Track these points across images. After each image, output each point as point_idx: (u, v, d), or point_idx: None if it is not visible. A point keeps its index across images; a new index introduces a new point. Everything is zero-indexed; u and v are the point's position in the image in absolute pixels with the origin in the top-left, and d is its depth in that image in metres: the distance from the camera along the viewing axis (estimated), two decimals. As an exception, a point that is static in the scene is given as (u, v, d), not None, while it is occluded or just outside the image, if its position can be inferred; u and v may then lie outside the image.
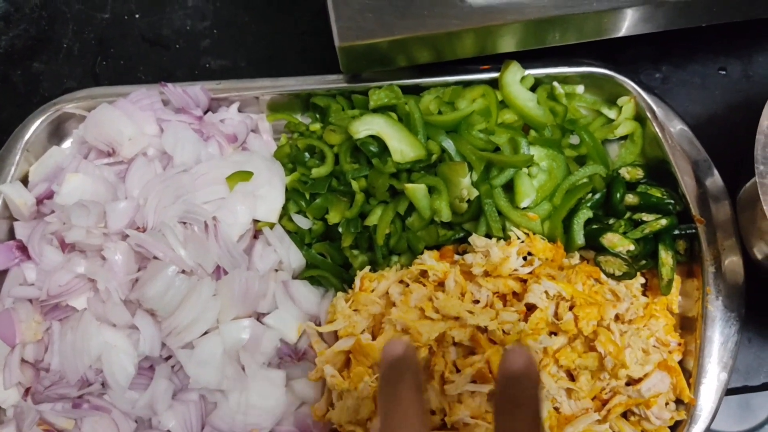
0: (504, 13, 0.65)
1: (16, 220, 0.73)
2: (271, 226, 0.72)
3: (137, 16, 0.88)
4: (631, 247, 0.67)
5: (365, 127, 0.70)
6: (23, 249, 0.71)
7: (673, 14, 0.68)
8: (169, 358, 0.67)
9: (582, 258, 0.71)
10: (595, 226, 0.70)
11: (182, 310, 0.64)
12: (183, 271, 0.66)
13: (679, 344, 0.68)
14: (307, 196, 0.73)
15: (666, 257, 0.68)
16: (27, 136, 0.76)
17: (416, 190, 0.68)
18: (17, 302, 0.68)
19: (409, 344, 0.47)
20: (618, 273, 0.67)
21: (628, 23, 0.69)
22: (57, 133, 0.79)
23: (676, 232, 0.70)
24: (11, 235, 0.73)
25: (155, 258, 0.65)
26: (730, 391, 0.69)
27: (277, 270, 0.71)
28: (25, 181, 0.75)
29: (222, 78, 0.79)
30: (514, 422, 0.43)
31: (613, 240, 0.68)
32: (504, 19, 0.66)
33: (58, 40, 0.87)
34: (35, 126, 0.77)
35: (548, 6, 0.65)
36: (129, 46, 0.87)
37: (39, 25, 0.88)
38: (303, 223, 0.73)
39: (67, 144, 0.79)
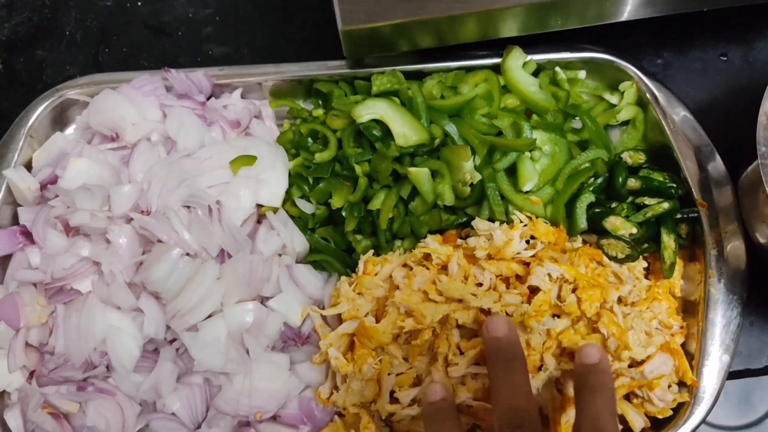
0: (507, -4, 0.65)
1: (20, 205, 0.73)
2: (275, 210, 0.72)
3: (139, 3, 0.88)
4: (634, 231, 0.67)
5: (368, 111, 0.70)
6: (27, 234, 0.71)
7: (675, -2, 0.69)
8: (173, 341, 0.67)
9: (585, 242, 0.71)
10: (597, 210, 0.70)
11: (186, 293, 0.64)
12: (187, 254, 0.66)
13: (682, 327, 0.68)
14: (311, 181, 0.73)
15: (668, 241, 0.69)
16: (30, 122, 0.76)
17: (419, 173, 0.68)
18: (21, 286, 0.68)
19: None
20: (621, 256, 0.67)
21: (630, 7, 0.70)
22: (60, 119, 0.79)
23: (679, 215, 0.70)
24: (15, 220, 0.73)
25: (159, 241, 0.65)
26: (732, 374, 0.69)
27: (280, 254, 0.72)
28: (28, 167, 0.75)
29: (224, 65, 0.79)
30: (593, 406, 0.53)
31: (615, 223, 0.68)
32: (506, 3, 0.66)
33: (61, 27, 0.87)
34: (38, 112, 0.77)
35: (551, -11, 0.65)
36: (131, 33, 0.87)
37: (42, 12, 0.88)
38: (306, 207, 0.73)
39: (70, 130, 0.79)
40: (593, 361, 0.56)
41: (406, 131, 0.70)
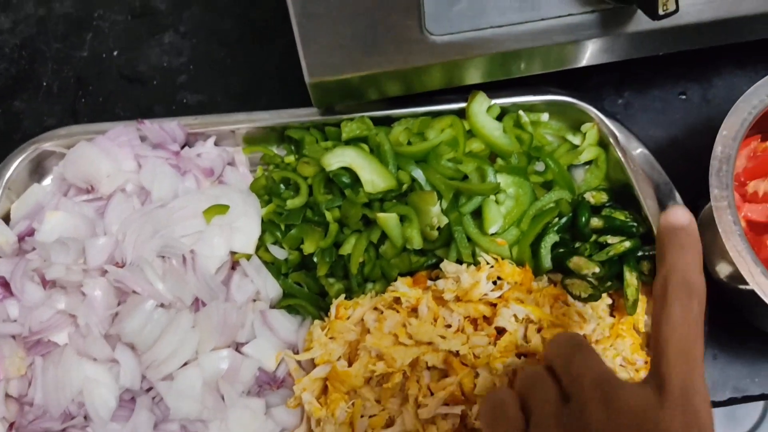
0: (468, 48, 0.68)
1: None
2: (248, 257, 0.73)
3: (115, 53, 0.90)
4: (597, 270, 0.69)
5: (337, 159, 0.72)
6: (6, 285, 0.72)
7: (630, 45, 0.71)
8: (149, 389, 0.68)
9: (550, 280, 0.73)
10: (561, 251, 0.72)
11: (161, 343, 0.66)
12: (162, 305, 0.67)
13: (646, 362, 0.70)
14: (283, 227, 0.75)
15: (631, 278, 0.71)
16: (8, 175, 0.78)
17: (388, 219, 0.70)
18: (1, 339, 0.69)
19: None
20: (584, 295, 0.69)
21: (588, 54, 0.72)
22: (38, 170, 0.80)
23: (640, 253, 0.72)
24: (-7, 272, 0.74)
25: (134, 292, 0.67)
26: (697, 407, 0.71)
27: (255, 300, 0.73)
28: (6, 218, 0.77)
29: (199, 112, 0.81)
30: (683, 261, 0.50)
31: (579, 263, 0.70)
32: (468, 54, 0.68)
33: (38, 78, 0.89)
34: (15, 165, 0.78)
35: (510, 40, 0.68)
36: (107, 83, 0.89)
37: (19, 64, 0.90)
38: (279, 253, 0.75)
39: (47, 181, 0.80)
40: (683, 224, 0.53)
41: (374, 178, 0.72)
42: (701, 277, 0.50)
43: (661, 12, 0.60)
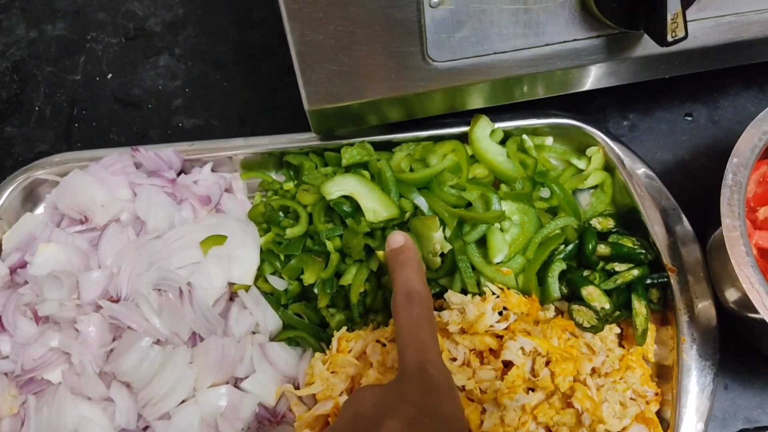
0: (470, 73, 0.66)
1: (-10, 289, 0.73)
2: (247, 288, 0.72)
3: (109, 76, 0.88)
4: (607, 306, 0.67)
5: (338, 188, 0.71)
6: (-3, 318, 0.70)
7: (636, 69, 0.70)
8: (146, 428, 0.66)
9: (557, 310, 0.71)
10: (578, 275, 0.70)
11: (158, 381, 0.64)
12: (158, 341, 0.65)
13: (657, 394, 0.68)
14: (282, 257, 0.73)
15: (639, 307, 0.69)
16: (0, 203, 0.76)
17: None
18: (-8, 376, 0.68)
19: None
20: (586, 325, 0.68)
21: (592, 78, 0.71)
22: (30, 198, 0.79)
23: (649, 281, 0.70)
24: (-16, 304, 0.72)
25: (129, 328, 0.65)
26: (708, 439, 0.69)
27: (254, 332, 0.71)
28: (-2, 248, 0.75)
29: (195, 136, 0.80)
30: (404, 275, 0.60)
31: (592, 294, 0.68)
32: (471, 80, 0.67)
33: (30, 103, 0.87)
34: (7, 193, 0.77)
35: (513, 66, 0.66)
36: (101, 107, 0.87)
37: (10, 88, 0.88)
38: (278, 284, 0.73)
39: (40, 209, 0.79)
40: (399, 245, 0.63)
41: (376, 207, 0.70)
42: (421, 284, 0.59)
43: (670, 38, 0.58)
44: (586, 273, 0.71)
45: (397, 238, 0.63)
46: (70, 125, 0.86)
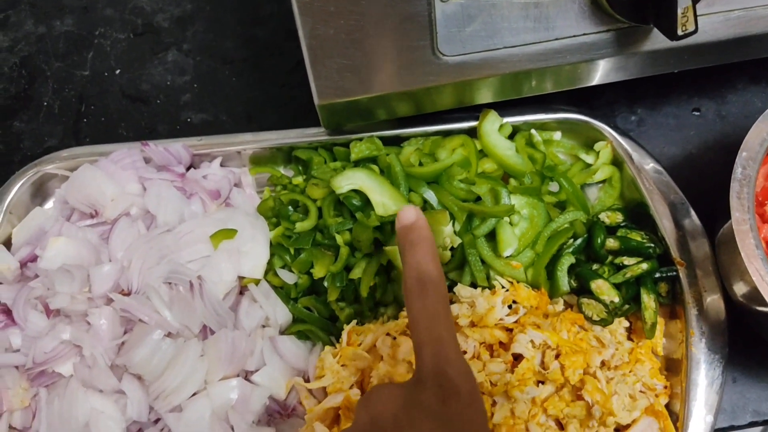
0: (480, 68, 0.66)
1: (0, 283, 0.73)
2: (257, 282, 0.72)
3: (117, 72, 0.88)
4: (616, 299, 0.68)
5: (347, 182, 0.71)
6: (7, 312, 0.70)
7: (645, 63, 0.70)
8: (157, 420, 0.66)
9: (566, 303, 0.71)
10: (587, 269, 0.70)
11: (169, 373, 0.64)
12: (169, 334, 0.66)
13: (665, 387, 0.69)
14: (292, 251, 0.73)
15: (648, 301, 0.69)
16: (9, 198, 0.76)
17: (397, 253, 0.68)
18: (3, 369, 0.68)
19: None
20: (596, 318, 0.68)
21: (601, 73, 0.71)
22: (39, 193, 0.79)
23: (658, 275, 0.71)
24: (-6, 298, 0.73)
25: (140, 321, 0.65)
26: (717, 431, 0.69)
27: (263, 326, 0.71)
28: (8, 242, 0.75)
29: (204, 132, 0.79)
30: (416, 256, 0.53)
31: (601, 288, 0.68)
32: (480, 74, 0.67)
33: (38, 98, 0.88)
34: (17, 187, 0.77)
35: (522, 60, 0.66)
36: (110, 102, 0.87)
37: (19, 83, 0.88)
38: (288, 277, 0.73)
39: (49, 204, 0.79)
40: (410, 221, 0.56)
41: (385, 201, 0.70)
42: (434, 267, 0.52)
43: (680, 32, 0.59)
44: (595, 267, 0.72)
45: (408, 214, 0.56)
46: (79, 120, 0.86)
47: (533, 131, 0.76)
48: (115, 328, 0.66)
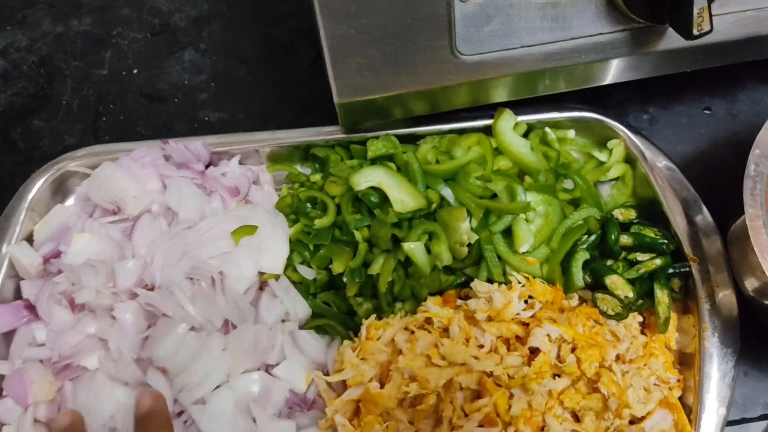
0: (497, 67, 0.68)
1: (23, 279, 0.74)
2: (277, 277, 0.73)
3: (135, 71, 0.90)
4: (630, 294, 0.69)
5: (366, 179, 0.72)
6: (31, 308, 0.71)
7: (659, 62, 0.71)
8: (181, 413, 0.68)
9: (581, 299, 0.72)
10: (602, 264, 0.72)
11: (193, 367, 0.65)
12: (192, 328, 0.67)
13: (679, 380, 0.70)
14: (311, 247, 0.74)
15: (662, 296, 0.70)
16: (31, 195, 0.77)
17: (415, 250, 0.70)
18: (28, 363, 0.69)
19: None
20: (611, 312, 0.69)
21: (615, 72, 0.72)
22: (60, 190, 0.80)
23: (671, 270, 0.72)
24: (18, 293, 0.74)
25: (165, 315, 0.66)
26: (729, 423, 0.71)
27: (284, 321, 0.73)
28: (29, 238, 0.76)
29: (221, 130, 0.81)
30: None
31: (616, 283, 0.70)
32: (497, 73, 0.68)
33: (57, 97, 0.89)
34: (38, 185, 0.77)
35: (539, 59, 0.67)
36: (128, 101, 0.88)
37: (38, 82, 0.90)
38: (307, 273, 0.74)
39: (70, 201, 0.80)
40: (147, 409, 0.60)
41: (403, 197, 0.72)
42: None
43: (695, 32, 0.60)
44: (609, 263, 0.73)
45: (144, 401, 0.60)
46: (98, 119, 0.87)
47: (547, 129, 0.77)
48: (139, 322, 0.67)
